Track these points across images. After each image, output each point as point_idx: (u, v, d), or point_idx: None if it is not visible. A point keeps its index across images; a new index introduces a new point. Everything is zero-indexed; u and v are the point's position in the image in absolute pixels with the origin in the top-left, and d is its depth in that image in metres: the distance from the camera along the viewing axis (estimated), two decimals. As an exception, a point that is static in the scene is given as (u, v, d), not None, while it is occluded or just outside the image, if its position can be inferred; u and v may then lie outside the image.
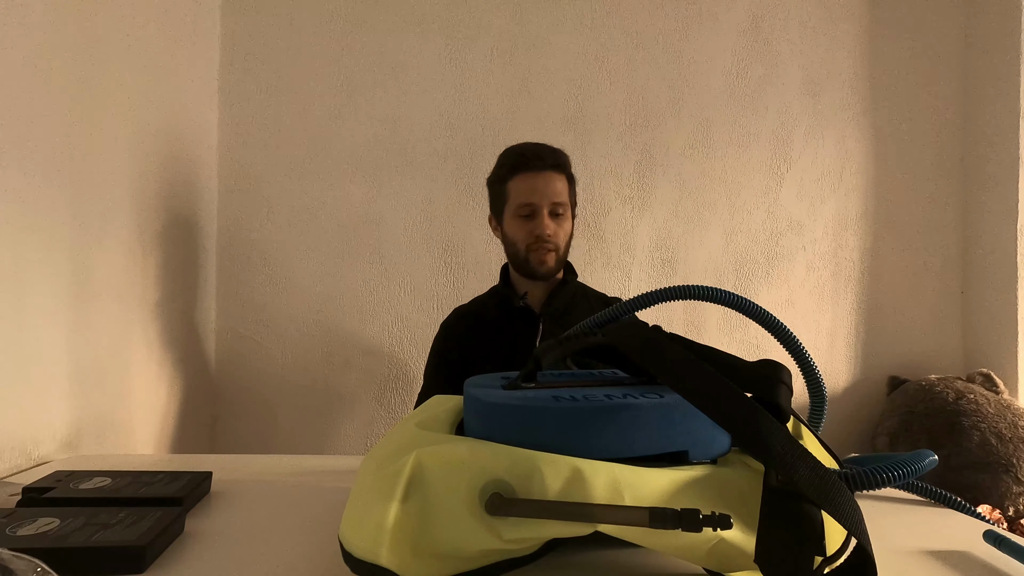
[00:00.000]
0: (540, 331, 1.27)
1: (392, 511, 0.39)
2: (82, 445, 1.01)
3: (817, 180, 1.93)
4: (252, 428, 1.72)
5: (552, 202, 1.25)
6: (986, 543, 0.52)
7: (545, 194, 1.24)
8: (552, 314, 1.29)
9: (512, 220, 1.28)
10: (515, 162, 1.27)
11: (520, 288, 1.32)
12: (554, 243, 1.26)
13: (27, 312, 0.89)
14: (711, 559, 0.39)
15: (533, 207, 1.25)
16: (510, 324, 1.29)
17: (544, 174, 1.25)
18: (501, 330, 1.29)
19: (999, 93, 1.85)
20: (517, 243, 1.28)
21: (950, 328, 1.96)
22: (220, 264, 1.72)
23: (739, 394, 0.39)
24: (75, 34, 1.01)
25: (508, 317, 1.30)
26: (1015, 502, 1.58)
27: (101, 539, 0.47)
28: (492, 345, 1.28)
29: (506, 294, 1.32)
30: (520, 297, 1.30)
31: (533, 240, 1.25)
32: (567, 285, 1.32)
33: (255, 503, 0.66)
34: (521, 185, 1.25)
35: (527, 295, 1.30)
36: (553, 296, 1.31)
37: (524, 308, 1.29)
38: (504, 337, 1.28)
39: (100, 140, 1.09)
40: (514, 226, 1.28)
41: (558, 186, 1.26)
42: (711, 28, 1.89)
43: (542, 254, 1.26)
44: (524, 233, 1.26)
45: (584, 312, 1.29)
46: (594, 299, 1.36)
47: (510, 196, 1.27)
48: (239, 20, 1.73)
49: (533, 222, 1.25)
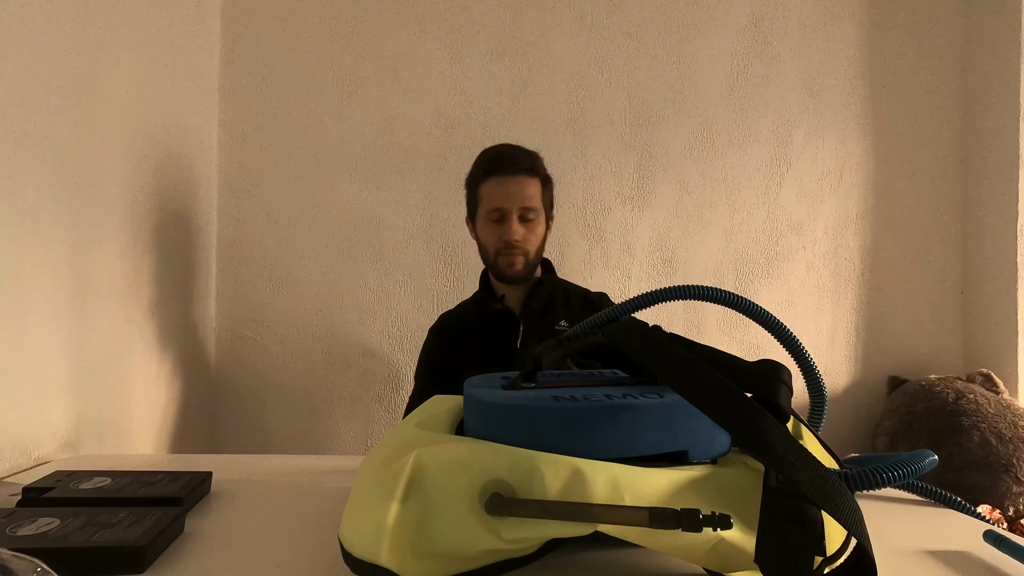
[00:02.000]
0: (520, 332, 1.28)
1: (392, 511, 0.39)
2: (82, 445, 1.01)
3: (817, 180, 1.93)
4: (252, 428, 1.72)
5: (522, 207, 1.25)
6: (986, 543, 0.52)
7: (515, 198, 1.25)
8: (531, 314, 1.30)
9: (483, 224, 1.29)
10: (487, 166, 1.28)
11: (498, 291, 1.34)
12: (523, 248, 1.26)
13: (27, 312, 0.89)
14: (711, 559, 0.39)
15: (503, 212, 1.25)
16: (491, 327, 1.30)
17: (515, 178, 1.26)
18: (482, 333, 1.30)
19: (999, 93, 1.85)
20: (487, 247, 1.30)
21: (950, 328, 1.96)
22: (220, 264, 1.72)
23: (739, 394, 0.39)
24: (74, 34, 1.01)
25: (488, 320, 1.31)
26: (1015, 502, 1.58)
27: (101, 539, 0.47)
28: (474, 348, 1.29)
29: (484, 298, 1.34)
30: (498, 299, 1.31)
31: (502, 245, 1.26)
32: (544, 284, 1.33)
33: (255, 503, 0.66)
34: (492, 189, 1.26)
35: (505, 297, 1.32)
36: (531, 296, 1.31)
37: (503, 310, 1.30)
38: (486, 340, 1.29)
39: (100, 140, 1.09)
40: (486, 230, 1.29)
41: (529, 190, 1.26)
42: (711, 28, 1.89)
43: (510, 258, 1.27)
44: (494, 237, 1.27)
45: (563, 310, 1.30)
46: (574, 295, 1.36)
47: (481, 200, 1.29)
48: (239, 20, 1.73)
49: (503, 226, 1.26)
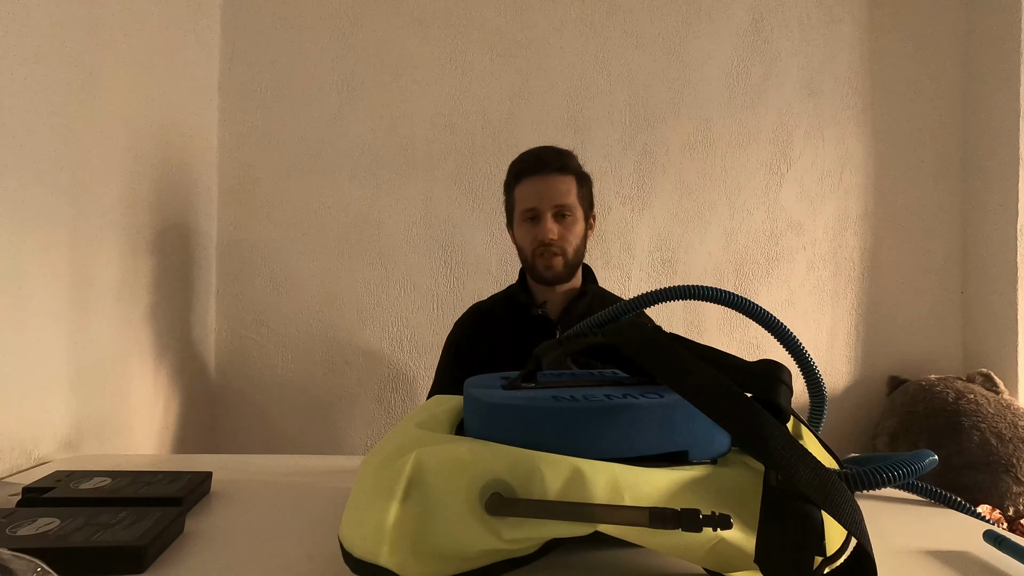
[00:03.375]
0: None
1: (392, 511, 0.39)
2: (82, 445, 1.01)
3: (817, 180, 1.93)
4: (252, 428, 1.72)
5: (555, 204, 1.24)
6: (986, 543, 0.52)
7: (547, 197, 1.24)
8: (570, 323, 1.25)
9: (520, 226, 1.28)
10: (519, 168, 1.28)
11: (539, 296, 1.30)
12: (559, 246, 1.24)
13: (27, 312, 0.89)
14: (711, 559, 0.39)
15: (536, 211, 1.24)
16: (526, 331, 1.27)
17: (547, 177, 1.24)
18: (515, 335, 1.27)
19: (999, 93, 1.85)
20: (524, 248, 1.28)
21: (950, 328, 1.96)
22: (220, 264, 1.72)
23: (739, 394, 0.39)
24: (74, 34, 1.01)
25: (524, 324, 1.28)
26: (1015, 502, 1.58)
27: (101, 539, 0.47)
28: (504, 348, 1.25)
29: (524, 301, 1.31)
30: (539, 306, 1.28)
31: (538, 245, 1.24)
32: (585, 296, 1.30)
33: (255, 503, 0.66)
34: (524, 190, 1.26)
35: (546, 304, 1.29)
36: (572, 305, 1.28)
37: (541, 316, 1.28)
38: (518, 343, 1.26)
39: (99, 141, 1.09)
40: (521, 231, 1.28)
41: (561, 188, 1.24)
42: (711, 28, 1.89)
43: (548, 258, 1.24)
44: (530, 238, 1.25)
45: None
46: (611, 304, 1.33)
47: (516, 202, 1.28)
48: (239, 20, 1.73)
49: (537, 226, 1.24)
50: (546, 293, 1.30)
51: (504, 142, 1.80)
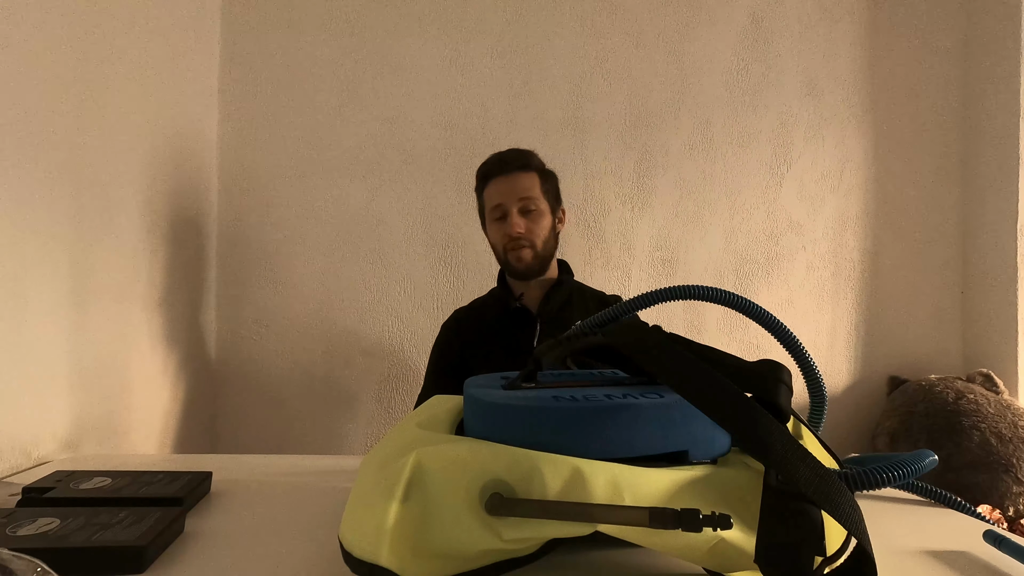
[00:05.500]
0: (538, 331, 1.29)
1: (392, 511, 0.39)
2: (82, 445, 1.01)
3: (817, 180, 1.93)
4: (252, 428, 1.72)
5: (520, 199, 1.29)
6: (986, 543, 0.52)
7: (511, 194, 1.29)
8: (548, 314, 1.31)
9: (491, 225, 1.34)
10: (485, 171, 1.34)
11: (516, 289, 1.35)
12: (527, 239, 1.29)
13: (27, 312, 0.89)
14: (711, 559, 0.39)
15: (503, 208, 1.30)
16: (508, 325, 1.32)
17: (510, 176, 1.30)
18: (499, 331, 1.32)
19: (999, 93, 1.85)
20: (497, 245, 1.34)
21: (950, 328, 1.96)
22: (220, 264, 1.72)
23: (739, 394, 0.39)
24: (75, 34, 1.01)
25: (506, 318, 1.33)
26: (1015, 502, 1.58)
27: (101, 539, 0.47)
28: (490, 346, 1.31)
29: (502, 296, 1.35)
30: (516, 298, 1.33)
31: (508, 240, 1.30)
32: (563, 285, 1.35)
33: (255, 503, 0.66)
34: (491, 191, 1.32)
35: (523, 296, 1.34)
36: (549, 296, 1.33)
37: (521, 309, 1.32)
38: (502, 338, 1.31)
39: (100, 140, 1.09)
40: (492, 230, 1.34)
41: (524, 183, 1.30)
42: (711, 28, 1.89)
43: (518, 251, 1.30)
44: (500, 235, 1.31)
45: (581, 311, 1.31)
46: (591, 298, 1.37)
47: (485, 203, 1.34)
48: (239, 20, 1.73)
49: (505, 223, 1.30)
50: (523, 287, 1.35)
51: (504, 142, 1.78)
